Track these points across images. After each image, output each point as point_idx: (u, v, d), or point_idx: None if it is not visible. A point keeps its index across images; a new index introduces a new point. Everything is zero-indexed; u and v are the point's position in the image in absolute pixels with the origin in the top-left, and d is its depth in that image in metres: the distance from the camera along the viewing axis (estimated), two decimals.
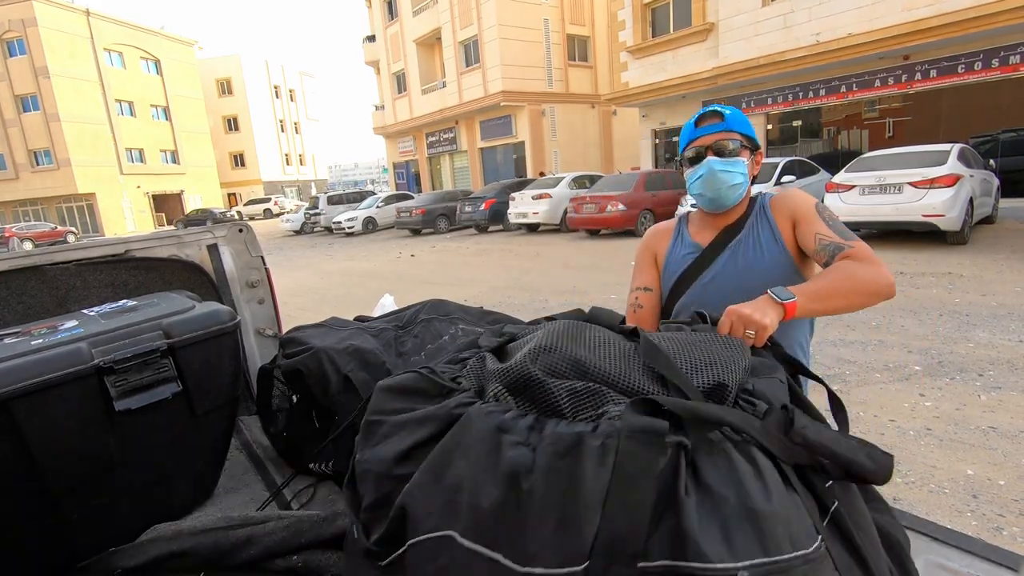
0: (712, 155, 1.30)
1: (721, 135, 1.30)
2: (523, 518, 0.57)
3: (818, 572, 0.56)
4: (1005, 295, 5.18)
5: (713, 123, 1.31)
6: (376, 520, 0.69)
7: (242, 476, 1.39)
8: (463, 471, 0.62)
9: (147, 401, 1.04)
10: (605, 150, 24.27)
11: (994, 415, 2.96)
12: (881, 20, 11.59)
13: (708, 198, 1.33)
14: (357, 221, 18.67)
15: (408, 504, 0.63)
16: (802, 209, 1.28)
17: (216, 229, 1.89)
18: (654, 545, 0.55)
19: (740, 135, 1.31)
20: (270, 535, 0.80)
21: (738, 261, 1.31)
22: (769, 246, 1.31)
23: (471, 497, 0.59)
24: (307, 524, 0.81)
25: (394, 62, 28.44)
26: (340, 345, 1.33)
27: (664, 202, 11.94)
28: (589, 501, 0.56)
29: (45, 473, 0.93)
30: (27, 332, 1.08)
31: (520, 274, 8.69)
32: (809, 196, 1.34)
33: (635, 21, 16.73)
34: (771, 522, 0.55)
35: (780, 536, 0.55)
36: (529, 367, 0.70)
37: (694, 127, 1.34)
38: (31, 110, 32.41)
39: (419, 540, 0.61)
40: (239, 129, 46.76)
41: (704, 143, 1.31)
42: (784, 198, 1.34)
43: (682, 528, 0.54)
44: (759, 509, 0.56)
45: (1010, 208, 10.22)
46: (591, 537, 0.54)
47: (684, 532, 0.54)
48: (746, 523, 0.55)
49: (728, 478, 0.58)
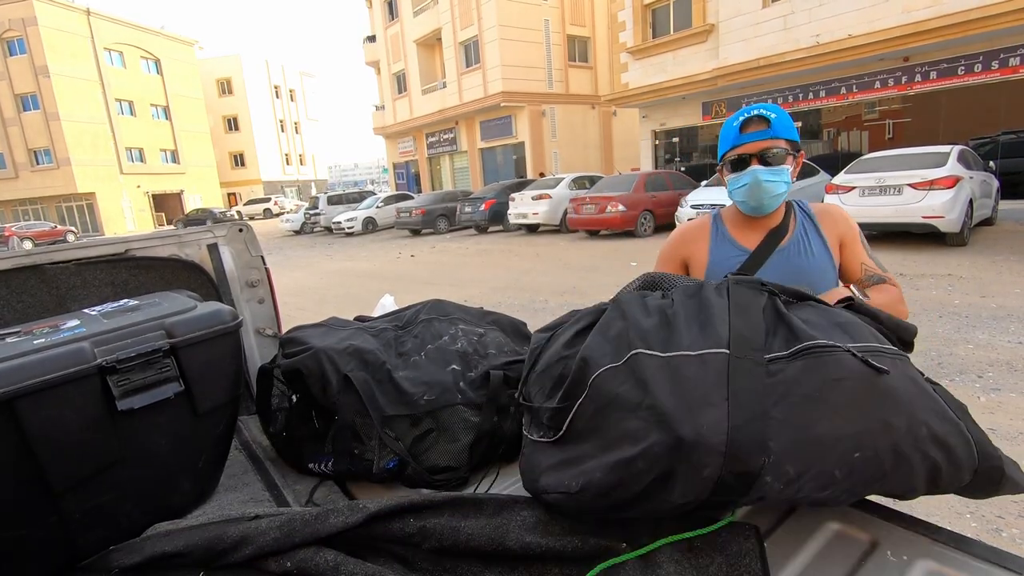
0: (757, 163, 1.26)
1: (768, 143, 1.26)
2: (675, 329, 0.78)
3: (909, 364, 0.78)
4: (1004, 297, 5.19)
5: (760, 130, 1.26)
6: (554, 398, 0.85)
7: (241, 475, 1.39)
8: (623, 324, 0.82)
9: (149, 401, 1.04)
10: (605, 151, 24.28)
11: (993, 417, 2.96)
12: (881, 21, 11.60)
13: (751, 206, 1.31)
14: (357, 221, 18.66)
15: (587, 354, 0.80)
16: (851, 234, 1.35)
17: (216, 229, 1.89)
18: (774, 345, 0.76)
19: (785, 140, 1.27)
20: (263, 534, 0.80)
21: (790, 263, 1.31)
22: (820, 253, 1.32)
23: (635, 328, 0.79)
24: (299, 522, 0.81)
25: (394, 62, 28.45)
26: (340, 345, 1.33)
27: (664, 203, 11.94)
28: (718, 314, 0.79)
29: (47, 472, 0.93)
30: (29, 331, 1.08)
31: (520, 275, 8.70)
32: (852, 220, 1.39)
33: (635, 22, 16.74)
34: (856, 326, 0.79)
35: (867, 335, 0.78)
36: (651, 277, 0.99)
37: (739, 132, 1.28)
38: (31, 109, 32.39)
39: (603, 370, 0.77)
40: (239, 129, 46.75)
41: (749, 151, 1.27)
42: (832, 214, 1.38)
43: (793, 329, 0.77)
44: (846, 320, 0.80)
45: (1010, 210, 10.23)
46: (726, 335, 0.76)
47: (795, 331, 0.76)
48: (837, 329, 0.78)
49: (816, 312, 0.82)
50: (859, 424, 0.71)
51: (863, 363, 0.72)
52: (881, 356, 0.75)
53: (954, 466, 0.75)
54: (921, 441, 0.72)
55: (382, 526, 0.82)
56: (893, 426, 0.71)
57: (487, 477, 1.21)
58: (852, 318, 0.83)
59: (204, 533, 0.84)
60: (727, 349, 0.74)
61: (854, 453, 0.71)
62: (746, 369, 0.72)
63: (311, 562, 0.77)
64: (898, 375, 0.74)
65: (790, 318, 0.79)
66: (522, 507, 0.85)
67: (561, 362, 0.86)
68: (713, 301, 0.81)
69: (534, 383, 0.90)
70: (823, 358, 0.73)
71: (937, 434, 0.73)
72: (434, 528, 0.80)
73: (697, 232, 1.44)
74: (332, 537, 0.81)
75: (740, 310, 0.79)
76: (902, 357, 0.78)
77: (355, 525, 0.81)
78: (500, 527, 0.80)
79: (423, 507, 0.84)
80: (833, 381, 0.71)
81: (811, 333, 0.75)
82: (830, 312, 0.83)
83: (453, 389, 1.29)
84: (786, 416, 0.70)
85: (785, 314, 0.79)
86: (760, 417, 0.70)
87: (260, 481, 1.35)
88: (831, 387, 0.71)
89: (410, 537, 0.81)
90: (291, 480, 1.33)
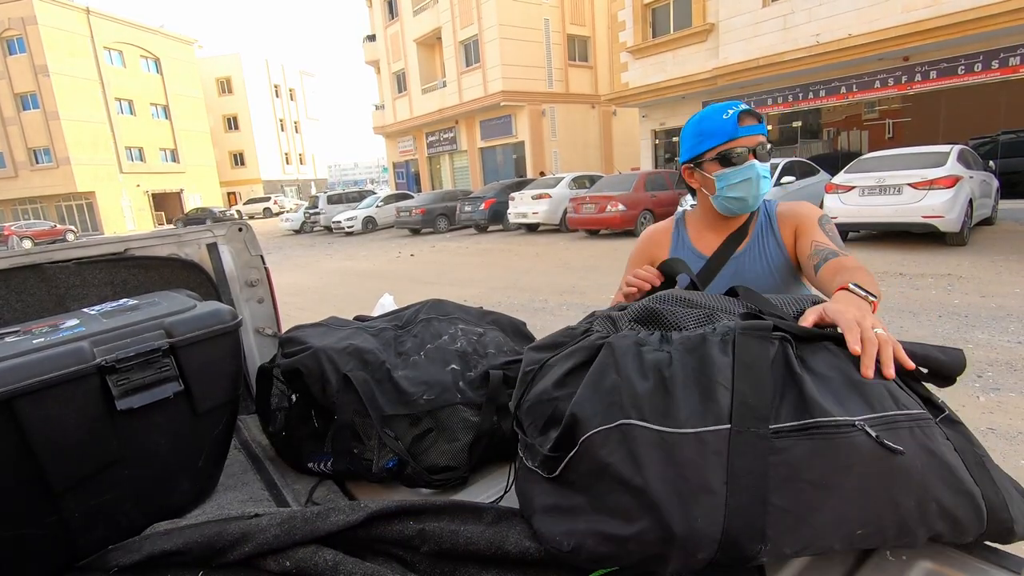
0: (753, 158, 1.24)
1: (760, 138, 1.25)
2: (672, 396, 0.71)
3: (928, 431, 0.71)
4: (1004, 296, 5.19)
5: (754, 124, 1.25)
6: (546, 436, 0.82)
7: (241, 475, 1.39)
8: (615, 379, 0.76)
9: (149, 400, 1.04)
10: (605, 150, 24.28)
11: (992, 416, 2.96)
12: (881, 21, 11.60)
13: (743, 202, 1.28)
14: (357, 221, 18.67)
15: (578, 411, 0.75)
16: (806, 220, 1.29)
17: (216, 228, 1.89)
18: (781, 412, 0.69)
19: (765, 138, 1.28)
20: (263, 532, 0.80)
21: (744, 274, 1.30)
22: (775, 255, 1.30)
23: (628, 391, 0.73)
24: (298, 521, 0.81)
25: (394, 62, 28.44)
26: (339, 344, 1.33)
27: (664, 202, 11.94)
28: (720, 378, 0.71)
29: (47, 472, 0.93)
30: (28, 331, 1.08)
31: (520, 274, 8.70)
32: (816, 208, 1.33)
33: (635, 21, 16.74)
34: (874, 388, 0.71)
35: (884, 398, 0.70)
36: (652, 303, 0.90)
37: (736, 125, 1.24)
38: (31, 108, 32.38)
39: (593, 432, 0.73)
40: (239, 128, 46.74)
41: (748, 144, 1.24)
42: (792, 209, 1.34)
43: (804, 396, 0.69)
44: (862, 381, 0.72)
45: (1009, 209, 10.24)
46: (728, 405, 0.69)
47: (806, 398, 0.69)
48: (853, 391, 0.71)
49: (830, 363, 0.74)
50: (866, 507, 0.68)
51: (878, 444, 0.67)
52: (898, 428, 0.69)
53: (958, 533, 0.72)
54: (928, 516, 0.69)
55: (381, 527, 0.82)
56: (901, 505, 0.68)
57: (486, 477, 1.21)
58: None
59: (203, 531, 0.84)
60: (728, 424, 0.69)
61: (856, 531, 0.69)
62: (748, 445, 0.68)
63: (310, 561, 0.77)
64: (913, 451, 0.69)
65: (801, 379, 0.71)
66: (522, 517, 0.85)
67: (551, 403, 0.82)
68: (716, 359, 0.73)
69: (526, 414, 0.87)
70: (835, 440, 0.67)
71: (946, 508, 0.70)
72: (433, 531, 0.80)
73: (662, 236, 1.43)
74: (331, 536, 0.81)
75: (745, 370, 0.72)
76: (922, 423, 0.71)
77: (354, 525, 0.81)
78: (500, 532, 0.80)
79: (423, 510, 0.84)
80: (843, 468, 0.67)
81: (822, 404, 0.69)
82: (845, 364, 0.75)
83: (452, 389, 1.29)
84: (788, 504, 0.67)
85: (797, 373, 0.72)
86: (760, 502, 0.66)
87: (259, 480, 1.35)
88: (840, 473, 0.67)
89: (409, 539, 0.81)
90: (290, 479, 1.33)
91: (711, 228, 1.37)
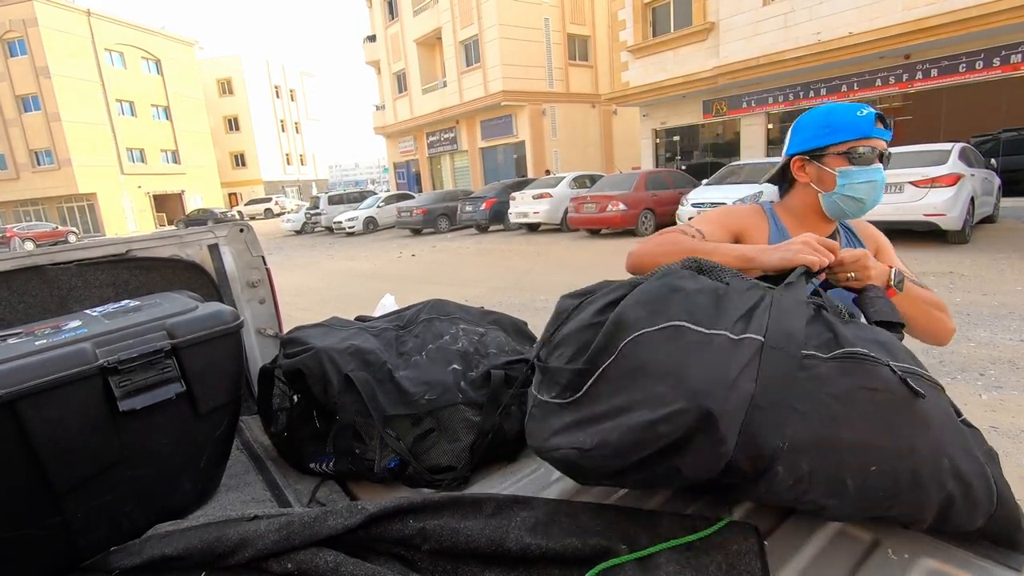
0: (880, 163, 1.20)
1: (886, 145, 1.21)
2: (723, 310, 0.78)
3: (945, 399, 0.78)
4: (1006, 294, 5.18)
5: (885, 129, 1.20)
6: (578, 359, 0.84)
7: (243, 475, 1.39)
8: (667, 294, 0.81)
9: (151, 401, 1.04)
10: (606, 150, 24.27)
11: (995, 415, 2.96)
12: (882, 19, 11.58)
13: (860, 205, 1.22)
14: (358, 221, 18.67)
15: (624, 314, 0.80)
16: (887, 245, 1.37)
17: (217, 229, 1.89)
18: (811, 345, 0.75)
19: None
20: (262, 536, 0.80)
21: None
22: None
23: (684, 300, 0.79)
24: (298, 524, 0.82)
25: (394, 62, 28.44)
26: (341, 345, 1.33)
27: (665, 202, 11.93)
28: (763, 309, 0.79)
29: (49, 473, 0.93)
30: (30, 332, 1.08)
31: (521, 274, 8.69)
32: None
33: (635, 21, 16.72)
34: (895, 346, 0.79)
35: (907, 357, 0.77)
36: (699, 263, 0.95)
37: (872, 125, 1.18)
38: (32, 110, 32.44)
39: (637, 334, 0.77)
40: (240, 129, 46.78)
41: (880, 147, 1.19)
42: (871, 228, 1.40)
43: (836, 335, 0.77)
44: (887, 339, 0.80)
45: (1011, 207, 10.22)
46: (765, 324, 0.76)
47: (838, 335, 0.77)
48: (880, 346, 0.77)
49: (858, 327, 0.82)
50: (883, 438, 0.71)
51: (901, 381, 0.72)
52: (920, 380, 0.74)
53: (970, 503, 0.74)
54: (941, 471, 0.72)
55: (381, 527, 0.82)
56: (916, 450, 0.71)
57: (488, 477, 1.21)
58: (893, 338, 0.82)
59: (203, 535, 0.84)
60: (763, 338, 0.74)
61: (871, 466, 0.71)
62: (779, 360, 0.73)
63: (311, 563, 0.77)
64: (933, 403, 0.74)
65: (836, 325, 0.79)
66: (521, 508, 0.85)
67: (591, 328, 0.84)
68: (764, 297, 0.81)
69: (556, 346, 0.89)
70: (863, 364, 0.73)
71: (959, 468, 0.72)
72: (433, 529, 0.80)
73: (752, 217, 1.33)
74: (332, 538, 0.81)
75: (784, 309, 0.79)
76: (939, 387, 0.77)
77: (354, 527, 0.81)
78: (499, 528, 0.80)
79: (422, 508, 0.84)
80: (866, 389, 0.72)
81: (854, 342, 0.75)
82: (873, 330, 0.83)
83: (454, 389, 1.30)
84: (810, 411, 0.71)
85: (832, 322, 0.80)
86: (783, 404, 0.71)
87: (261, 481, 1.35)
88: (863, 394, 0.71)
89: (409, 538, 0.81)
90: (292, 480, 1.34)
91: (806, 227, 1.29)
